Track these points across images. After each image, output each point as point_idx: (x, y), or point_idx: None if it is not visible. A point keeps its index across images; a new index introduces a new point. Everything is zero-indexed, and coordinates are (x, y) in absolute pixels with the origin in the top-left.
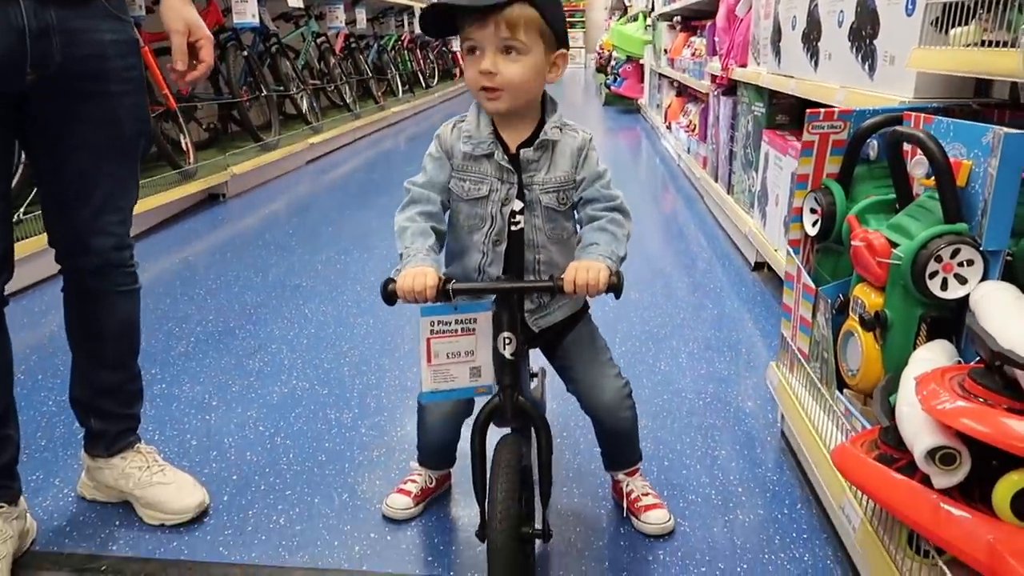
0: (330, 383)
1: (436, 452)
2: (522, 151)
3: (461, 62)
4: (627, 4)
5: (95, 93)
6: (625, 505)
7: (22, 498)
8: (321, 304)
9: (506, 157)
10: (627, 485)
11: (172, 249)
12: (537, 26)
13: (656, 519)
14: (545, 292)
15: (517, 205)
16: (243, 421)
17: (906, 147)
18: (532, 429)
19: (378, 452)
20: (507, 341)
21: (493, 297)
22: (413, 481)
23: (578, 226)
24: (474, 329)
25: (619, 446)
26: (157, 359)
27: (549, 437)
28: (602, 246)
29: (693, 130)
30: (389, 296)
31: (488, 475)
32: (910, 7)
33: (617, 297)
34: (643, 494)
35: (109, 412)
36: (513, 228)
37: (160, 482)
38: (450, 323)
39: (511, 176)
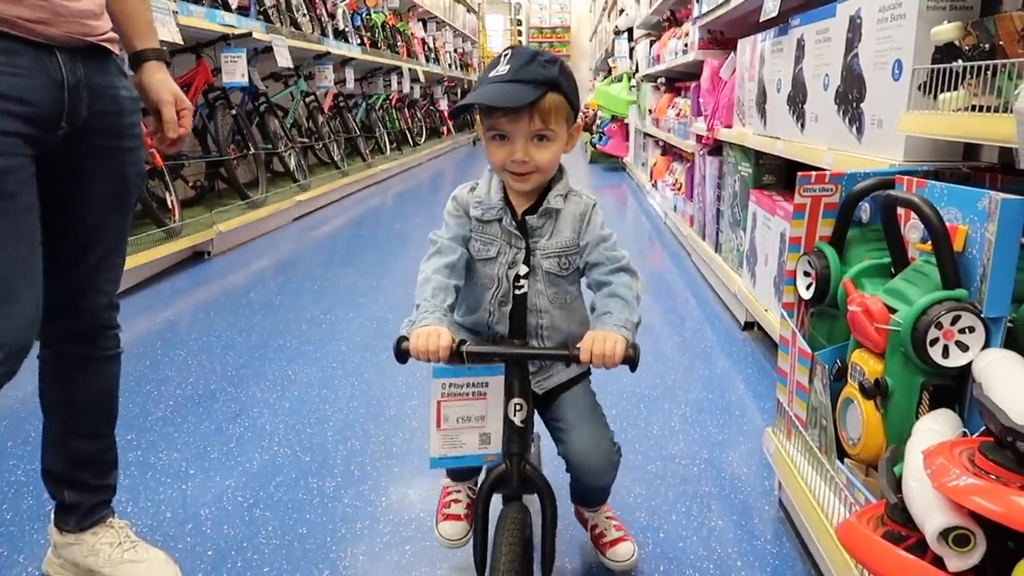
0: (312, 450)
1: (465, 467)
2: (527, 217)
3: (486, 147)
4: (611, 65)
5: (109, 149)
6: (590, 539)
7: None
8: (305, 365)
9: (514, 223)
10: (592, 518)
11: (154, 308)
12: (564, 111)
13: (622, 554)
14: (560, 361)
15: (522, 269)
16: (221, 491)
17: (900, 211)
18: (538, 499)
19: (361, 524)
20: (518, 407)
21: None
22: (456, 501)
23: (587, 290)
24: (486, 393)
25: (594, 495)
26: (133, 424)
27: (555, 509)
28: (615, 314)
29: (679, 189)
30: (402, 354)
31: (489, 544)
32: (897, 72)
33: (632, 370)
34: (607, 528)
35: (86, 483)
36: (517, 292)
37: (131, 560)
38: (462, 386)
39: (518, 241)
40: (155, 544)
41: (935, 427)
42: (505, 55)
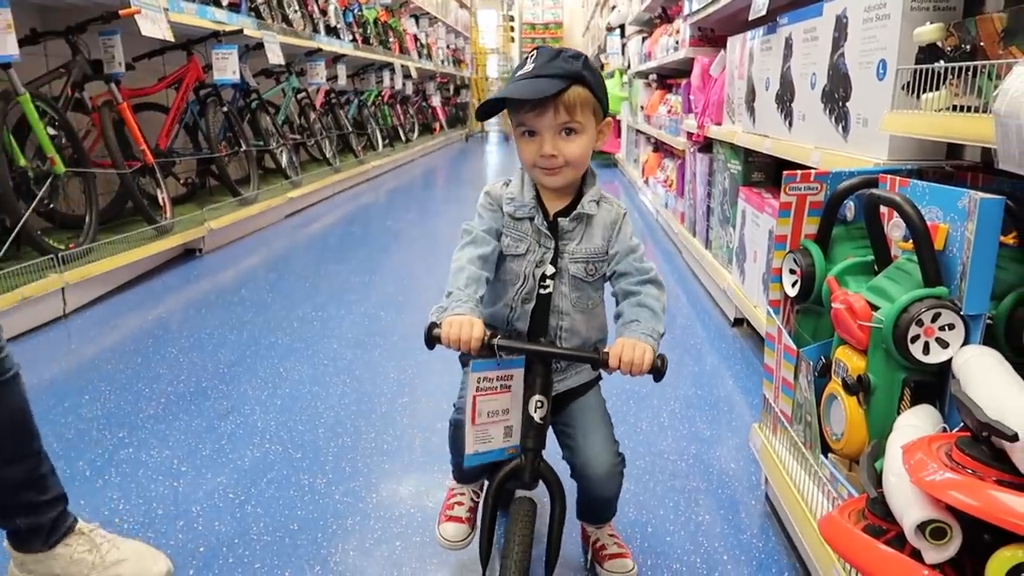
0: (304, 446)
1: (473, 467)
2: (559, 220)
3: (517, 145)
4: (604, 62)
5: None
6: (590, 554)
7: None
8: (297, 362)
9: (545, 223)
10: (594, 534)
11: (145, 306)
12: (590, 104)
13: (619, 568)
14: (588, 363)
15: (549, 270)
16: (212, 488)
17: (883, 209)
18: (548, 495)
19: (352, 520)
20: (539, 404)
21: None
22: (459, 503)
23: (613, 298)
24: (510, 386)
25: (598, 508)
26: (125, 422)
27: (564, 504)
28: (643, 323)
29: (671, 186)
30: (432, 340)
31: (493, 536)
32: (881, 72)
33: (657, 380)
34: (609, 544)
35: (31, 503)
36: (542, 291)
37: (117, 559)
38: (493, 379)
39: (548, 241)
40: (147, 541)
41: (915, 423)
42: (531, 55)
